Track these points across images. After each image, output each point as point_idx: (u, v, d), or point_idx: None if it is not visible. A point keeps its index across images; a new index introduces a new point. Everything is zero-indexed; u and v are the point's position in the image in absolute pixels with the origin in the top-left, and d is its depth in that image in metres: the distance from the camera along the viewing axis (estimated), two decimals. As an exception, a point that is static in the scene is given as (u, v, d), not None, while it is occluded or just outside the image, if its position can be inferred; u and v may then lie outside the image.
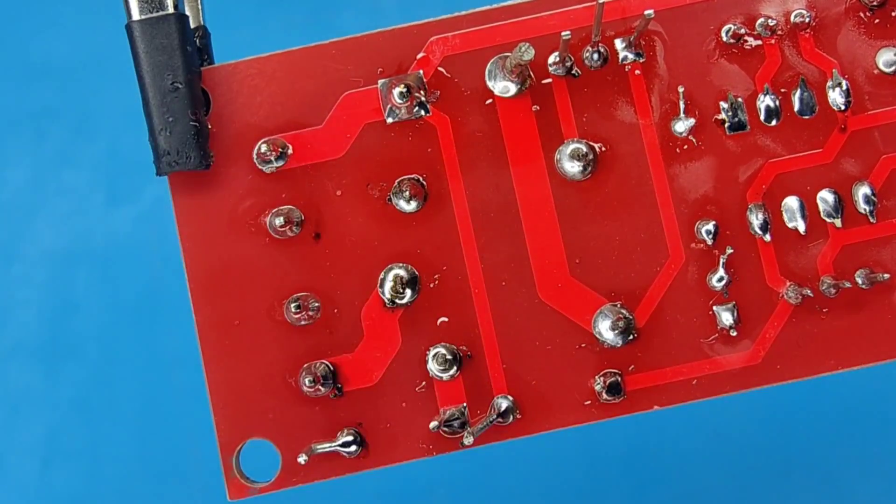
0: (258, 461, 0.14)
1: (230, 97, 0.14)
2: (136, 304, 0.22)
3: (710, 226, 0.14)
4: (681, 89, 0.14)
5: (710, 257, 0.14)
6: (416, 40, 0.14)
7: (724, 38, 0.14)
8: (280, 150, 0.14)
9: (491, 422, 0.13)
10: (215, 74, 0.14)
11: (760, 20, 0.14)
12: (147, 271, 0.22)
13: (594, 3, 0.14)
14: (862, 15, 0.14)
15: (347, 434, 0.14)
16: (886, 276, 0.14)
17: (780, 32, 0.14)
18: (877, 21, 0.14)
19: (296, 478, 0.14)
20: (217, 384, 0.14)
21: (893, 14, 0.14)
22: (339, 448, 0.14)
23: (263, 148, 0.14)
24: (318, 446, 0.13)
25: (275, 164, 0.14)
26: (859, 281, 0.14)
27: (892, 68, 0.14)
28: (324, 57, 0.15)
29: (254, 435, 0.14)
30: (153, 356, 0.21)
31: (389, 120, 0.14)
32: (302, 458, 0.13)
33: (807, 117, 0.14)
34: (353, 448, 0.14)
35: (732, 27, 0.14)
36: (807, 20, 0.14)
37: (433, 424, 0.14)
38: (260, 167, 0.14)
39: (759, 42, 0.14)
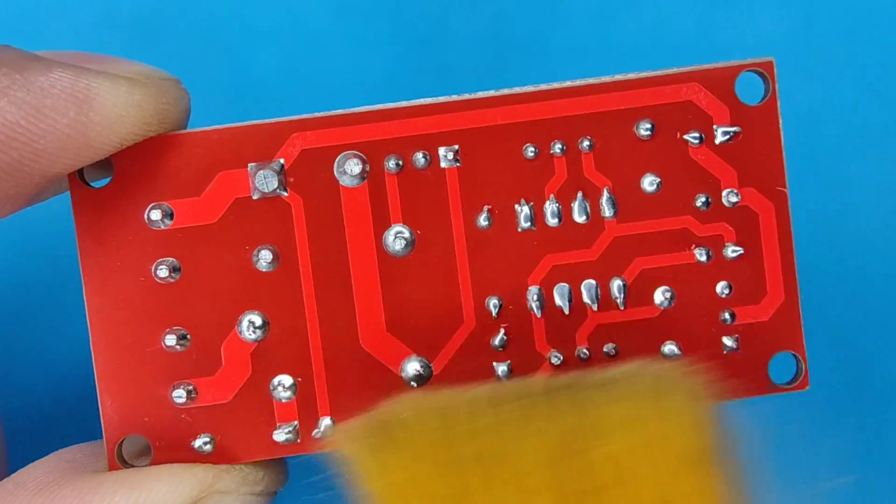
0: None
1: (130, 165, 0.18)
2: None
3: (496, 300, 0.19)
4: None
5: (494, 325, 0.19)
6: (281, 134, 0.19)
7: (526, 156, 0.18)
8: (166, 213, 0.18)
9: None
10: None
11: (556, 142, 0.18)
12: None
13: (431, 115, 0.18)
14: (634, 143, 0.18)
15: (205, 436, 0.19)
16: (613, 356, 0.18)
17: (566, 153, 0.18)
18: (648, 150, 0.18)
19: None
20: (105, 387, 0.18)
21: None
22: (201, 445, 0.18)
23: (153, 213, 0.18)
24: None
25: (161, 224, 0.18)
26: (605, 351, 0.18)
27: (654, 187, 0.18)
28: (206, 140, 0.19)
29: (134, 431, 0.19)
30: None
31: (255, 196, 0.19)
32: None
33: (580, 222, 0.18)
34: (209, 448, 0.18)
35: (532, 147, 0.18)
36: (589, 146, 0.18)
37: (277, 434, 0.19)
38: (150, 225, 0.18)
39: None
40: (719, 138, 0.18)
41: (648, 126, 0.18)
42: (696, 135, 0.18)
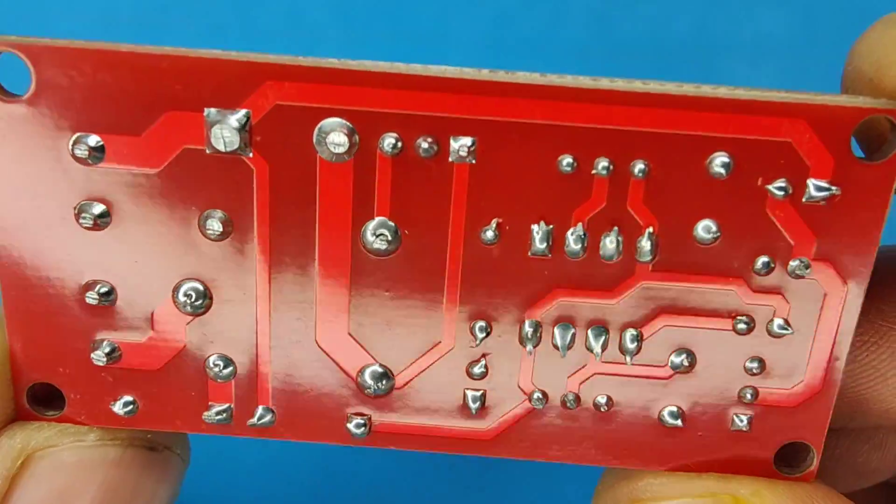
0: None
1: (52, 79, 0.14)
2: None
3: (483, 324, 0.15)
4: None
5: (476, 352, 0.16)
6: (252, 77, 0.14)
7: (560, 168, 0.14)
8: (94, 149, 0.14)
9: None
10: (42, 51, 0.14)
11: (601, 159, 0.14)
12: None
13: (448, 92, 0.14)
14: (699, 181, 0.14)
15: (126, 397, 0.16)
16: (605, 408, 0.16)
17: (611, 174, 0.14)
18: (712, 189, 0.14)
19: (80, 418, 0.16)
20: (13, 328, 0.16)
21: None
22: (121, 408, 0.16)
23: (79, 145, 0.14)
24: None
25: (88, 160, 0.15)
26: (596, 402, 0.16)
27: (710, 236, 0.15)
28: (153, 67, 0.14)
29: (45, 379, 0.16)
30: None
31: (209, 150, 0.15)
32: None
33: (608, 262, 0.15)
34: (130, 409, 0.16)
35: (569, 158, 0.14)
36: (643, 171, 0.14)
37: (207, 414, 0.16)
38: (74, 159, 0.15)
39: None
40: (810, 194, 0.14)
41: (725, 162, 0.14)
42: (782, 185, 0.14)
